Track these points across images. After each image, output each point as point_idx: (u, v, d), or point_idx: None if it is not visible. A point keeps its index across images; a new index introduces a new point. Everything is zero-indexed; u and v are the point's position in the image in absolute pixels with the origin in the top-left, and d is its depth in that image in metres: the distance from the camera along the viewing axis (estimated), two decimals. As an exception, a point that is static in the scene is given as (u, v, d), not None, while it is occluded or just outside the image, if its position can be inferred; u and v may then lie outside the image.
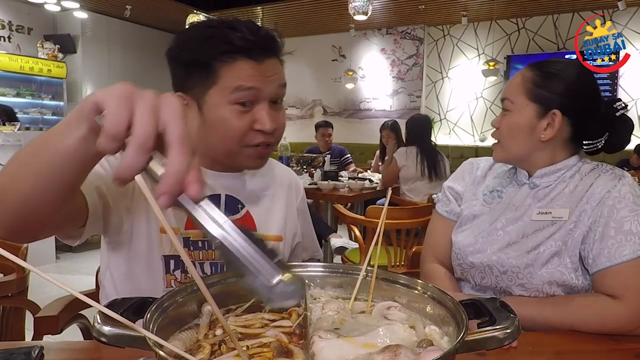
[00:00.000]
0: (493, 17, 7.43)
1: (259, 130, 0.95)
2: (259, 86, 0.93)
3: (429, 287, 0.69)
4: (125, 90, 0.47)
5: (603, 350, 0.91)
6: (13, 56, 6.96)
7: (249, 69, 0.93)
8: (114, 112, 0.45)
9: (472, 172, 1.30)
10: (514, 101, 1.14)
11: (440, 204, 1.32)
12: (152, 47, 8.21)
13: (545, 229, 1.09)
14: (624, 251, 0.99)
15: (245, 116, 0.94)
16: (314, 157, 4.75)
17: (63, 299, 1.21)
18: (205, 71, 0.94)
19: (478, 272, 1.15)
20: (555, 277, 1.05)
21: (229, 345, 0.58)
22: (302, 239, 1.23)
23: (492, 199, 1.21)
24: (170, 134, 0.45)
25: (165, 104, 0.47)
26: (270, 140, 0.99)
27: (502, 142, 1.17)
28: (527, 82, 1.13)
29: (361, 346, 0.57)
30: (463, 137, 8.14)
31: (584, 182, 1.10)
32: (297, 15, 8.01)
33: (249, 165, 1.02)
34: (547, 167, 1.14)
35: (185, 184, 0.44)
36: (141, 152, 0.44)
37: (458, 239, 1.21)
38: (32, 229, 0.72)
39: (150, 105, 0.46)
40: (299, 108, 9.37)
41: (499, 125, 1.18)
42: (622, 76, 6.89)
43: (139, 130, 0.44)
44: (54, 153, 0.58)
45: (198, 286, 0.49)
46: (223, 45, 0.92)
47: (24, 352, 0.76)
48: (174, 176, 0.43)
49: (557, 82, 1.11)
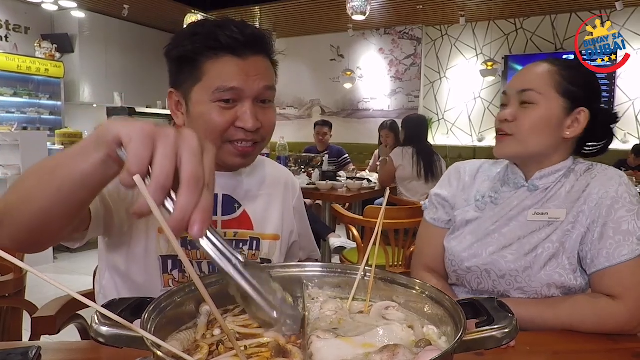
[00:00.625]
0: (491, 17, 7.44)
1: (240, 127, 0.95)
2: (241, 86, 0.94)
3: (427, 287, 0.69)
4: (147, 129, 0.49)
5: (601, 349, 0.91)
6: (10, 55, 6.93)
7: (233, 67, 0.94)
8: (137, 151, 0.47)
9: (459, 178, 1.26)
10: (542, 92, 1.08)
11: (428, 211, 1.29)
12: (150, 47, 8.20)
13: (542, 230, 1.08)
14: (623, 251, 0.99)
15: (227, 112, 0.95)
16: (312, 157, 4.75)
17: (60, 299, 1.21)
18: (193, 67, 0.96)
19: (475, 277, 1.14)
20: (554, 280, 1.04)
21: (227, 345, 0.58)
22: (298, 238, 1.23)
23: (485, 204, 1.18)
24: (182, 172, 0.47)
25: (183, 142, 0.49)
26: (255, 139, 0.98)
27: (518, 137, 1.10)
28: (555, 75, 1.09)
29: (359, 346, 0.57)
30: (461, 137, 8.15)
31: (580, 182, 1.10)
32: (295, 15, 8.00)
33: (230, 162, 1.00)
34: (547, 168, 1.12)
35: (190, 222, 0.47)
36: (160, 192, 0.46)
37: (451, 245, 1.19)
38: (41, 242, 0.75)
39: (170, 145, 0.48)
40: (297, 108, 9.36)
41: (515, 118, 1.10)
42: (620, 76, 6.91)
43: (159, 171, 0.46)
44: (69, 176, 0.60)
45: (196, 286, 0.49)
46: (208, 42, 0.94)
47: (21, 353, 0.76)
48: (177, 217, 0.46)
49: (584, 79, 1.11)
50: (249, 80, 0.95)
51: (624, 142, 6.91)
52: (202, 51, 0.95)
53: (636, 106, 6.92)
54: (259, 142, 1.00)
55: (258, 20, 8.26)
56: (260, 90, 0.97)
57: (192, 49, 0.95)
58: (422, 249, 1.28)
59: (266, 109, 1.00)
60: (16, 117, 7.02)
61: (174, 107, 1.03)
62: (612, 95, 6.96)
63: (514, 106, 1.11)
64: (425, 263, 1.26)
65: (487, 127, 7.92)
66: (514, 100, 1.11)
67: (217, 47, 0.94)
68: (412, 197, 3.72)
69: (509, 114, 1.10)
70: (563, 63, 1.11)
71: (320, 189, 3.66)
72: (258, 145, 1.01)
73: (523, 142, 1.09)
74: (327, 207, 3.97)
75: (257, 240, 1.09)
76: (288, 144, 4.64)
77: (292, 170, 4.37)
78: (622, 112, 6.98)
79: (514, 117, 1.10)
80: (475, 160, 1.30)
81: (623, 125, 7.00)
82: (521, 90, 1.10)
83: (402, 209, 2.70)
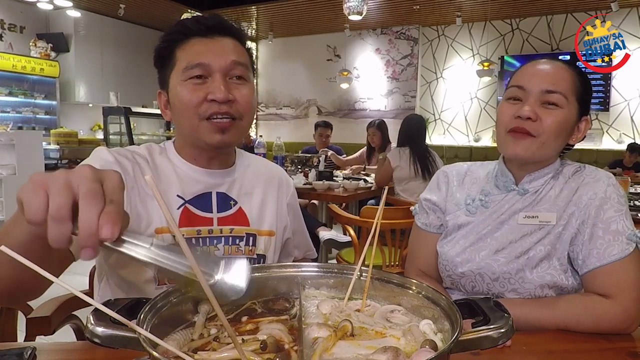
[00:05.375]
0: (487, 17, 7.46)
1: (212, 100, 0.97)
2: (208, 61, 0.99)
3: (423, 286, 0.69)
4: (35, 179, 0.50)
5: (596, 349, 0.92)
6: (5, 55, 6.90)
7: (201, 46, 1.00)
8: (28, 203, 0.48)
9: (447, 182, 1.24)
10: (568, 97, 1.05)
11: (418, 216, 1.27)
12: (146, 46, 8.15)
13: (533, 234, 1.08)
14: (613, 250, 1.00)
15: (199, 88, 0.99)
16: (308, 157, 4.75)
17: (56, 299, 1.20)
18: (168, 58, 1.03)
19: (469, 281, 1.13)
20: (546, 280, 1.05)
21: (222, 341, 0.59)
22: (292, 235, 1.23)
23: (476, 208, 1.17)
24: (78, 195, 0.49)
25: (74, 174, 0.50)
26: (230, 112, 0.99)
27: (542, 139, 1.04)
28: (575, 80, 1.07)
29: (363, 347, 0.58)
30: (457, 137, 8.17)
31: (570, 185, 1.10)
32: (292, 15, 8.00)
33: (210, 140, 1.00)
34: (536, 172, 1.12)
35: (98, 227, 0.47)
36: (57, 222, 0.47)
37: (444, 249, 1.18)
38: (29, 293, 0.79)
39: (59, 181, 0.49)
40: (294, 108, 9.36)
41: (538, 118, 1.04)
42: (615, 77, 6.94)
43: (52, 205, 0.48)
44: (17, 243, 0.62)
45: (201, 284, 0.49)
46: (178, 29, 1.03)
47: (16, 354, 0.75)
48: (84, 230, 0.47)
49: (591, 88, 1.12)
50: (216, 56, 0.99)
51: (619, 143, 6.95)
52: (174, 38, 1.02)
53: (631, 106, 6.96)
54: (236, 119, 1.01)
55: (254, 20, 8.26)
56: (229, 64, 1.00)
57: (165, 40, 1.04)
58: (415, 254, 1.28)
59: (240, 85, 1.02)
60: (11, 117, 7.00)
61: (163, 106, 1.08)
62: (608, 95, 7.00)
63: (535, 104, 1.05)
64: (419, 267, 1.25)
65: (483, 127, 7.95)
66: (535, 98, 1.05)
67: (186, 32, 1.02)
68: (409, 198, 3.72)
69: (532, 112, 1.03)
70: (577, 69, 1.10)
71: (317, 188, 3.66)
72: (236, 122, 1.01)
73: (545, 144, 1.05)
74: (323, 207, 3.97)
75: (253, 236, 1.09)
76: (284, 144, 4.64)
77: (288, 170, 4.38)
78: (617, 113, 7.02)
79: (537, 117, 1.04)
80: (462, 163, 1.28)
81: (618, 125, 7.04)
82: (548, 91, 1.05)
83: (399, 209, 2.70)
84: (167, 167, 1.06)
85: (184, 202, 1.03)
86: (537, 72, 1.08)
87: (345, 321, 0.63)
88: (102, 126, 7.21)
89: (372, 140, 4.89)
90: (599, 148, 7.06)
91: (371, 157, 5.05)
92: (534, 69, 1.09)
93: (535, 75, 1.08)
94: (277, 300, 0.74)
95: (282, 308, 0.72)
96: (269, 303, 0.74)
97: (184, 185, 1.04)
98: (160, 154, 1.08)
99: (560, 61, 1.11)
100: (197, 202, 1.04)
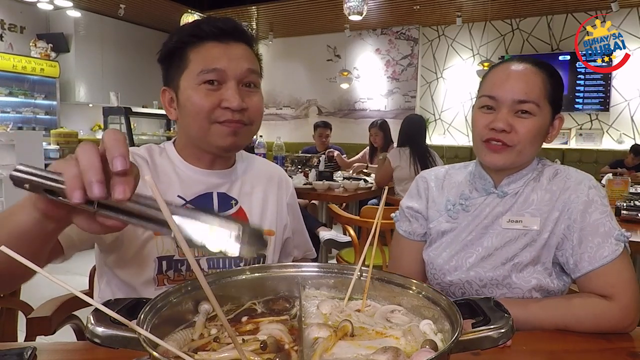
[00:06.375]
0: (487, 17, 7.46)
1: (226, 108, 0.98)
2: (224, 67, 0.98)
3: (423, 286, 0.69)
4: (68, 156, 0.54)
5: (596, 349, 0.92)
6: (5, 55, 6.90)
7: (216, 51, 0.99)
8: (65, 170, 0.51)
9: (427, 188, 1.23)
10: (540, 104, 1.05)
11: (400, 223, 1.25)
12: (146, 46, 8.17)
13: (519, 240, 1.08)
14: (604, 253, 1.01)
15: (213, 94, 0.98)
16: (308, 157, 4.75)
17: (56, 299, 1.20)
18: (179, 59, 1.02)
19: (458, 288, 1.13)
20: (532, 284, 1.06)
21: (222, 341, 0.59)
22: (292, 235, 1.23)
23: (457, 212, 1.16)
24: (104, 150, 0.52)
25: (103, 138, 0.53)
26: (242, 120, 1.00)
27: (519, 148, 1.05)
28: (546, 83, 1.07)
29: (363, 347, 0.58)
30: (457, 137, 8.16)
31: (551, 189, 1.10)
32: (292, 15, 8.00)
33: (221, 143, 1.01)
34: (514, 174, 1.12)
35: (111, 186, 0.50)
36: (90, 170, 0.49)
37: (430, 257, 1.17)
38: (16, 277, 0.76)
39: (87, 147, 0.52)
40: (294, 108, 9.36)
41: (512, 129, 1.04)
42: (615, 77, 6.94)
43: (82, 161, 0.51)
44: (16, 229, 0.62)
45: (200, 283, 0.49)
46: (192, 31, 1.01)
47: (16, 354, 0.76)
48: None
49: (561, 85, 1.11)
50: (232, 62, 0.99)
51: (620, 143, 6.94)
52: (187, 40, 1.01)
53: (631, 107, 6.95)
54: (247, 125, 1.02)
55: (255, 20, 8.26)
56: (244, 72, 1.00)
57: (178, 40, 1.02)
58: (398, 261, 1.26)
59: (252, 92, 1.03)
60: (11, 117, 7.00)
61: (167, 104, 1.07)
62: (608, 95, 6.99)
63: (508, 114, 1.05)
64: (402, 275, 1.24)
65: (483, 127, 7.93)
66: (508, 108, 1.05)
67: (200, 34, 1.00)
68: (409, 197, 3.71)
69: (506, 124, 1.04)
70: (548, 69, 1.09)
71: (317, 188, 3.66)
72: (247, 127, 1.02)
73: (522, 152, 1.07)
74: (323, 207, 3.97)
75: None
76: (284, 144, 4.64)
77: (288, 171, 4.38)
78: (617, 113, 7.02)
79: (511, 128, 1.05)
80: (439, 167, 1.28)
81: (619, 125, 7.03)
82: (520, 101, 1.04)
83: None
84: (167, 168, 1.06)
85: (185, 202, 1.03)
86: (507, 79, 1.07)
87: (346, 321, 0.63)
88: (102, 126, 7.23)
89: (374, 140, 4.89)
90: (599, 148, 7.05)
91: (374, 157, 5.06)
92: (504, 75, 1.07)
93: (506, 83, 1.06)
94: (277, 300, 0.74)
95: (282, 308, 0.72)
96: (269, 303, 0.74)
97: (185, 186, 1.04)
98: (160, 155, 1.08)
99: (530, 62, 1.08)
100: (198, 203, 1.04)
